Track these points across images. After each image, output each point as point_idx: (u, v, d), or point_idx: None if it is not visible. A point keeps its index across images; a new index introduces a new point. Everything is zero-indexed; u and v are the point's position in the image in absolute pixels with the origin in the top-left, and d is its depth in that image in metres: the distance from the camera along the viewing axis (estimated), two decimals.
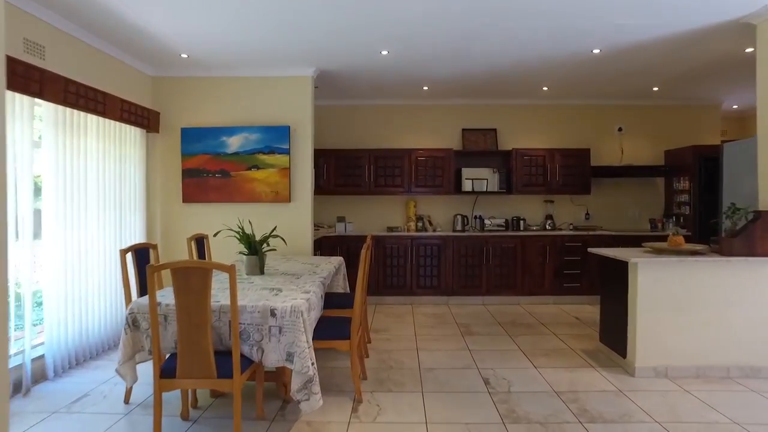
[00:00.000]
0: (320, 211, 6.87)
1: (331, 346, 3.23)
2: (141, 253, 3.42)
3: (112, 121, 4.47)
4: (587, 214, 6.85)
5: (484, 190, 6.44)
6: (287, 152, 5.23)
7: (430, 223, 6.68)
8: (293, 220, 5.30)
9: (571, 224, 6.77)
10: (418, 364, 4.03)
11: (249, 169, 5.25)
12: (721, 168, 4.93)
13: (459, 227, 6.54)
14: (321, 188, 6.54)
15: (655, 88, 6.18)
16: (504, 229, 6.59)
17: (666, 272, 3.69)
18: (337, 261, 4.55)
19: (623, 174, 6.56)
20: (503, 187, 6.44)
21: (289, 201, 5.27)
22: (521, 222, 6.63)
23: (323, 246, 6.17)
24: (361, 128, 6.92)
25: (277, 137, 5.23)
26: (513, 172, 6.46)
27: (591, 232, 6.34)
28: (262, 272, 3.69)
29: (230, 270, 2.44)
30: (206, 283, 2.43)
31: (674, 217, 6.60)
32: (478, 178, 6.42)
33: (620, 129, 6.87)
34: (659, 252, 3.95)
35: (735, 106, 7.22)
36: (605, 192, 6.85)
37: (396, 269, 6.33)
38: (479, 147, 6.69)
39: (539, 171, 6.49)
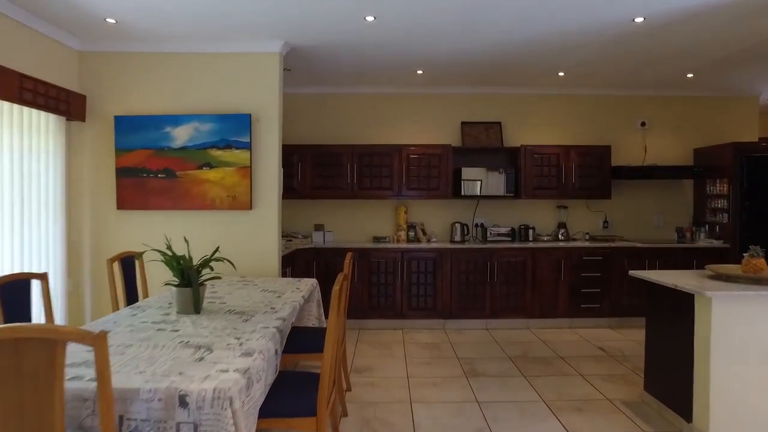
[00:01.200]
0: (294, 219, 5.84)
1: (287, 426, 2.21)
2: (12, 290, 2.35)
3: (12, 105, 3.41)
4: (605, 221, 5.91)
5: (488, 193, 5.46)
6: (248, 147, 4.19)
7: (424, 233, 5.69)
8: (255, 232, 4.26)
9: (587, 234, 5.82)
10: (413, 426, 3.02)
11: (200, 167, 4.20)
12: None
13: (458, 237, 5.56)
14: (295, 191, 5.51)
15: (690, 75, 5.25)
16: (510, 239, 5.61)
17: (752, 309, 2.73)
18: (308, 286, 3.52)
19: (647, 175, 5.63)
20: (510, 190, 5.47)
21: (250, 208, 4.23)
22: (530, 231, 5.67)
23: (297, 261, 5.14)
24: (343, 120, 5.90)
25: (236, 128, 4.18)
26: (521, 173, 5.49)
27: (612, 244, 5.39)
28: (197, 310, 2.66)
29: (97, 342, 1.40)
30: (53, 362, 1.39)
31: (707, 226, 5.69)
32: (480, 179, 5.43)
33: (643, 124, 5.94)
34: (730, 278, 2.99)
35: None
36: (625, 196, 5.91)
37: (383, 288, 5.32)
38: (481, 143, 5.71)
39: (552, 172, 5.53)
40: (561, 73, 5.17)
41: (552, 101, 5.89)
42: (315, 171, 5.52)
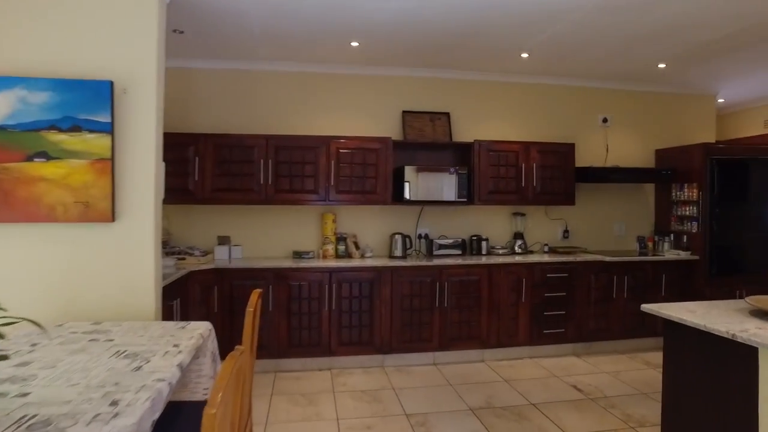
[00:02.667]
0: (189, 230, 4.52)
1: None
2: None
3: None
4: (566, 230, 5.16)
5: (435, 198, 4.48)
6: (108, 130, 2.86)
7: (357, 247, 4.60)
8: (121, 254, 2.93)
9: (546, 245, 5.03)
10: None
11: (29, 159, 2.82)
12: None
13: (398, 252, 4.53)
14: (191, 194, 4.22)
15: (662, 65, 4.61)
16: (460, 253, 4.68)
17: None
18: (192, 341, 2.29)
19: (612, 178, 4.93)
20: (462, 194, 4.52)
21: (112, 220, 2.90)
22: (483, 243, 4.77)
23: (190, 288, 3.85)
24: (255, 104, 4.67)
25: (89, 102, 2.84)
26: (475, 174, 4.57)
27: (577, 258, 4.62)
28: None
29: None
30: None
31: (672, 236, 5.10)
32: (426, 181, 4.44)
33: (605, 120, 5.26)
34: None
35: (721, 100, 5.94)
36: (585, 201, 5.20)
37: (307, 318, 4.17)
38: (426, 137, 4.73)
39: (510, 173, 4.66)
40: (525, 55, 4.30)
41: (509, 90, 5.04)
42: (219, 168, 4.25)
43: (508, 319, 4.45)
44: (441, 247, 4.66)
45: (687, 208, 4.92)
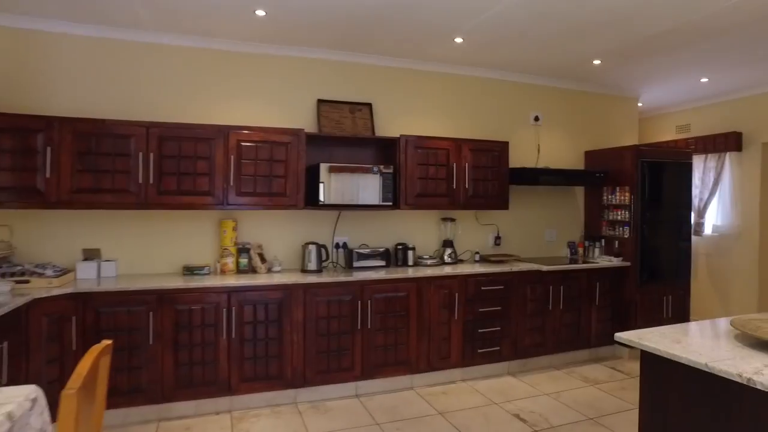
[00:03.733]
0: (40, 242, 3.52)
1: None
2: None
3: None
4: (497, 237, 4.75)
5: (356, 201, 3.85)
6: None
7: (263, 259, 3.84)
8: None
9: (477, 253, 4.58)
10: None
11: None
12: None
13: (313, 265, 3.84)
14: (40, 195, 3.24)
15: (597, 61, 4.34)
16: (384, 264, 4.09)
17: None
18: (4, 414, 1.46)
19: (545, 180, 4.58)
20: (387, 197, 3.93)
21: None
22: (410, 253, 4.22)
23: (33, 321, 2.89)
24: (135, 84, 3.76)
25: None
26: (401, 174, 4.00)
27: (512, 268, 4.20)
28: None
29: None
30: None
31: (602, 241, 4.88)
32: (345, 181, 3.80)
33: (537, 119, 4.94)
34: None
35: (640, 104, 5.90)
36: (516, 205, 4.83)
37: (200, 350, 3.35)
38: (345, 130, 4.08)
39: (441, 173, 4.15)
40: (459, 40, 3.80)
41: (438, 81, 4.53)
42: (81, 162, 3.31)
43: (439, 340, 3.91)
44: (362, 257, 4.03)
45: (619, 213, 4.71)
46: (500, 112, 4.78)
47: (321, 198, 3.69)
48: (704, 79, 4.91)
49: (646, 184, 4.58)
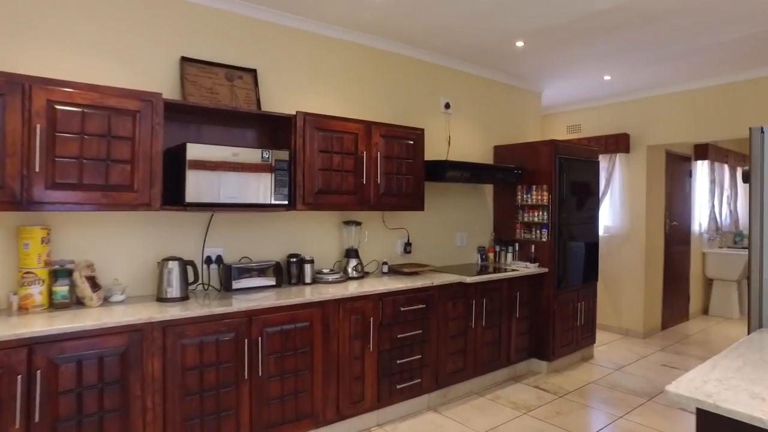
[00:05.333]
0: None
1: None
2: None
3: None
4: (407, 243, 4.01)
5: (237, 200, 2.77)
6: None
7: (95, 286, 2.57)
8: None
9: (384, 263, 3.79)
10: None
11: None
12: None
13: (174, 290, 2.68)
14: None
15: (520, 43, 3.83)
16: (274, 284, 3.08)
17: None
18: None
19: (465, 177, 3.92)
20: (280, 194, 2.92)
21: None
22: (307, 267, 3.25)
23: None
24: None
25: None
26: (298, 163, 3.03)
27: (435, 281, 3.48)
28: None
29: None
30: None
31: (516, 245, 4.44)
32: (224, 173, 2.70)
33: (447, 106, 4.32)
34: None
35: None
36: (426, 205, 4.16)
37: None
38: (221, 101, 2.97)
39: (348, 164, 3.26)
40: None
41: (343, 51, 3.63)
42: None
43: (351, 380, 3.02)
44: (244, 275, 2.97)
45: (536, 214, 4.30)
46: (411, 95, 4.05)
47: (188, 195, 2.56)
48: (607, 77, 4.77)
49: (564, 183, 4.24)
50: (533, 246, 4.31)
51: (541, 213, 4.24)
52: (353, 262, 3.52)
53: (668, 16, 3.33)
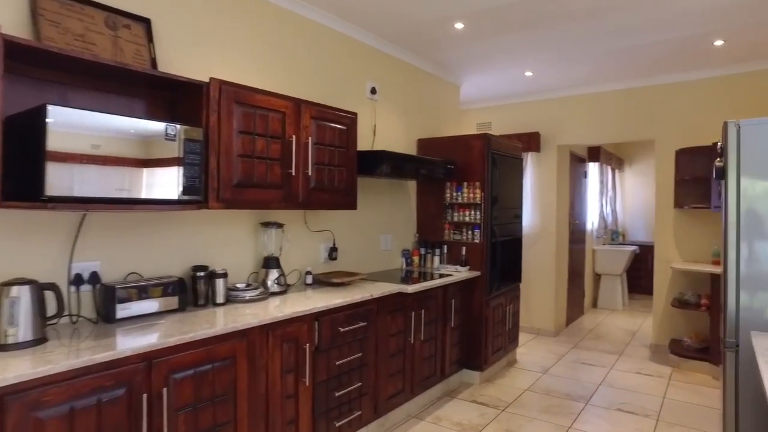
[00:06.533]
0: None
1: None
2: None
3: None
4: (333, 248, 3.41)
5: (130, 195, 1.96)
6: None
7: None
8: None
9: (308, 273, 3.15)
10: None
11: None
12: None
13: (21, 333, 1.78)
14: None
15: (459, 25, 3.45)
16: (177, 307, 2.29)
17: None
18: None
19: (386, 170, 3.45)
20: (191, 186, 2.15)
21: None
22: (219, 282, 2.50)
23: None
24: None
25: None
26: (211, 147, 2.28)
27: (375, 294, 2.93)
28: None
29: None
30: None
31: (444, 247, 4.09)
32: (103, 152, 1.88)
33: (374, 91, 3.79)
34: None
35: None
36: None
37: None
38: (99, 53, 2.10)
39: (273, 150, 2.56)
40: None
41: (263, 10, 2.90)
42: None
43: (284, 425, 2.36)
44: (133, 298, 2.15)
45: (467, 213, 3.97)
46: (337, 75, 3.46)
47: (48, 186, 1.70)
48: (529, 73, 4.65)
49: (496, 180, 3.98)
50: (464, 248, 3.99)
51: (473, 212, 3.94)
52: (274, 274, 2.83)
53: (600, 13, 3.22)
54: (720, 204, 4.16)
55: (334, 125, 2.92)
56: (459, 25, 3.46)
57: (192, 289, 2.44)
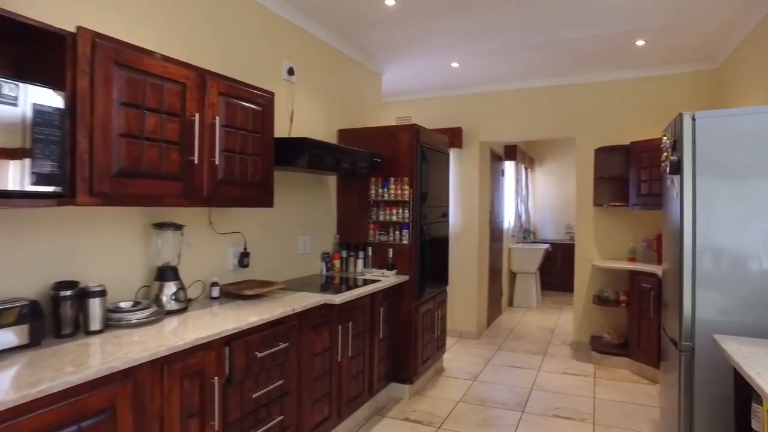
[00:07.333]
0: None
1: None
2: None
3: None
4: (244, 253, 2.87)
5: None
6: None
7: None
8: None
9: (214, 284, 2.60)
10: None
11: None
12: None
13: None
14: None
15: (390, 1, 3.07)
16: (28, 342, 1.66)
17: None
18: None
19: (309, 162, 2.99)
20: (50, 175, 1.55)
21: None
22: (93, 303, 1.89)
23: None
24: None
25: None
26: (80, 120, 1.69)
27: (298, 307, 2.46)
28: None
29: None
30: None
31: (369, 249, 3.70)
32: None
33: (291, 72, 3.30)
34: None
35: None
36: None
37: None
38: None
39: (170, 130, 2.01)
40: None
41: None
42: None
43: None
44: None
45: (394, 212, 3.62)
46: (249, 48, 2.93)
47: None
48: (455, 64, 4.42)
49: (425, 176, 3.68)
50: (391, 249, 3.64)
51: (401, 210, 3.60)
52: (171, 287, 2.26)
53: (530, 1, 3.05)
54: (637, 202, 4.24)
55: (247, 105, 2.41)
56: (390, 2, 3.09)
57: (53, 315, 1.81)
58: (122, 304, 2.05)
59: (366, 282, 3.24)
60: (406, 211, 3.58)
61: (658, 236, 4.28)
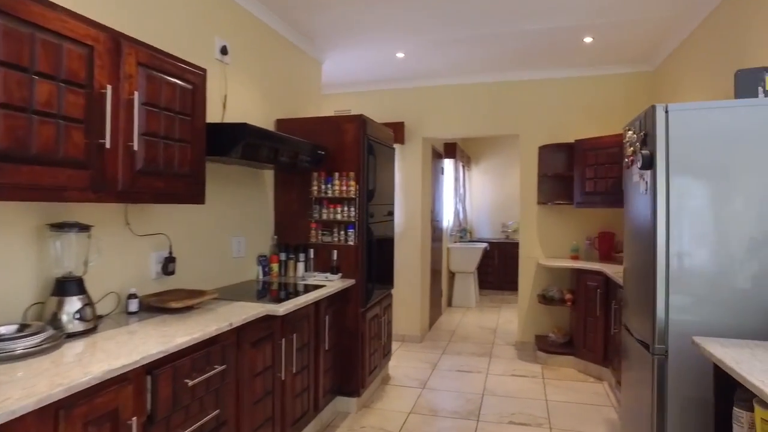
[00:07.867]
0: None
1: None
2: None
3: None
4: (169, 258, 2.44)
5: None
6: None
7: None
8: None
9: (132, 296, 2.16)
10: None
11: None
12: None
13: None
14: None
15: None
16: None
17: None
18: None
19: (245, 152, 2.61)
20: None
21: None
22: None
23: None
24: None
25: None
26: None
27: (235, 322, 2.09)
28: None
29: None
30: None
31: (312, 251, 3.36)
32: None
33: (225, 51, 2.89)
34: None
35: None
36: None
37: None
38: None
39: (69, 102, 1.57)
40: None
41: None
42: None
43: None
44: None
45: (339, 210, 3.30)
46: (176, 17, 2.50)
47: None
48: (400, 54, 4.18)
49: (374, 172, 3.40)
50: (335, 251, 3.33)
51: (346, 208, 3.29)
52: (74, 303, 1.82)
53: None
54: (581, 200, 4.23)
55: (174, 80, 2.01)
56: None
57: None
58: (1, 330, 1.59)
59: (309, 288, 2.91)
60: (352, 209, 3.28)
61: (600, 234, 4.31)
